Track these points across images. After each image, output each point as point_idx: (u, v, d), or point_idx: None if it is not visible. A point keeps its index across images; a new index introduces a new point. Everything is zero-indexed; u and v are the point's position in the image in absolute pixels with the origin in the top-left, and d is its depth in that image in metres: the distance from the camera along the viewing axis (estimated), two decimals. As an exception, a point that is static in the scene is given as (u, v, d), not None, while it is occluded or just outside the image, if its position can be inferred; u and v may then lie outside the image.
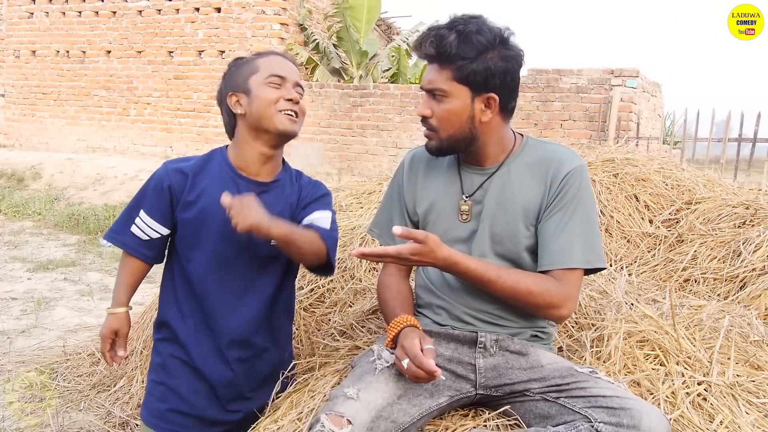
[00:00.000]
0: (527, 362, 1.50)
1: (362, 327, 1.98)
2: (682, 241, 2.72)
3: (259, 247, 1.67)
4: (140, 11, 10.15)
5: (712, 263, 2.52)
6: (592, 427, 1.28)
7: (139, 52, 10.21)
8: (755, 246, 2.46)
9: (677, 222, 2.82)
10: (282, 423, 1.59)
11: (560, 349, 1.77)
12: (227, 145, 1.75)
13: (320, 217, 1.70)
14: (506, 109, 1.53)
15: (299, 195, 1.73)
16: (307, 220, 1.68)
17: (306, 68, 9.87)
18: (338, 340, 1.95)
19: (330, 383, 1.68)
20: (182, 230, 1.69)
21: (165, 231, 1.71)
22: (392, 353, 1.49)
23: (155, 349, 1.77)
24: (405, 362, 1.36)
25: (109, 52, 10.46)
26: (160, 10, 10.01)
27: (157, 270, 1.84)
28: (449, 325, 1.58)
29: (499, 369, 1.51)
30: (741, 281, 2.39)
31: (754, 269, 2.39)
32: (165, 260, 1.78)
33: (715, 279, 2.45)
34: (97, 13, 10.48)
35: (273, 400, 1.69)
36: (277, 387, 1.71)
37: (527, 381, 1.46)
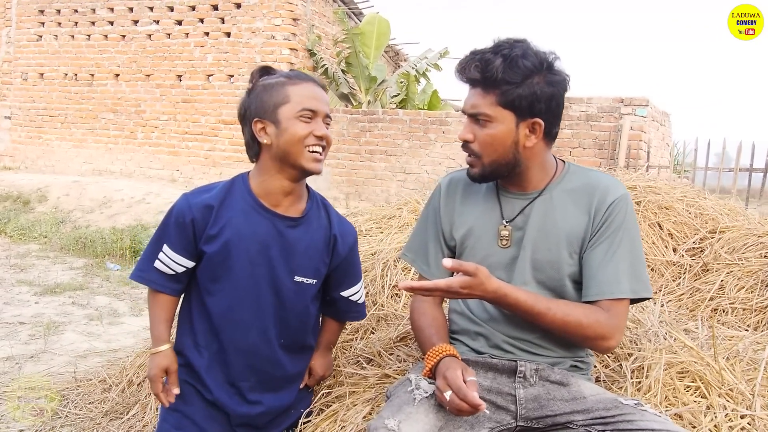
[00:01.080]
0: (569, 393, 1.46)
1: (390, 354, 1.93)
2: (708, 270, 2.68)
3: (284, 282, 1.63)
4: (150, 35, 10.23)
5: (740, 293, 2.48)
6: (644, 463, 1.24)
7: (148, 75, 10.27)
8: (784, 276, 2.43)
9: (701, 251, 2.78)
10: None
11: (597, 379, 1.72)
12: (248, 172, 1.71)
13: (356, 293, 1.80)
14: (550, 135, 1.51)
15: (332, 235, 1.70)
16: (345, 293, 1.77)
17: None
18: (365, 367, 1.90)
19: (362, 413, 1.63)
20: (205, 263, 1.65)
21: (190, 264, 1.67)
22: (431, 383, 1.44)
23: None
24: (447, 394, 1.32)
25: (117, 75, 10.52)
26: (169, 34, 10.09)
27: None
28: (487, 353, 1.54)
29: (540, 400, 1.46)
30: (771, 312, 2.34)
31: (784, 299, 2.34)
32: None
33: (744, 309, 2.41)
34: (106, 36, 10.57)
35: (300, 430, 1.65)
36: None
37: (570, 413, 1.42)
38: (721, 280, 2.53)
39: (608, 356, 1.78)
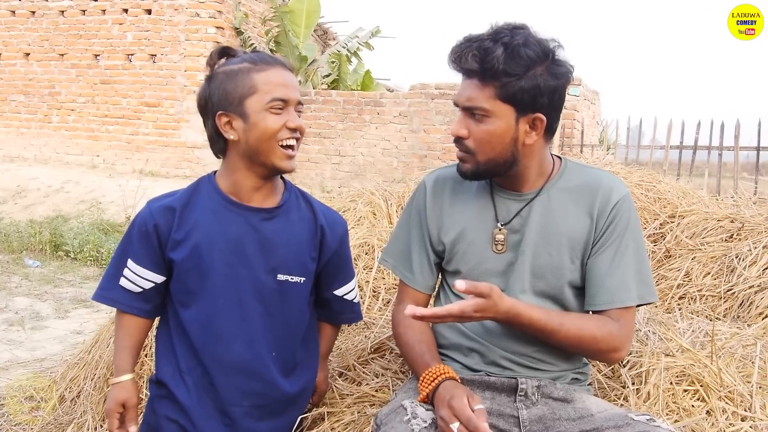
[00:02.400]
0: (575, 411, 1.34)
1: (365, 367, 1.77)
2: (671, 256, 2.65)
3: (265, 283, 1.45)
4: (62, 11, 9.53)
5: (706, 279, 2.45)
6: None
7: (62, 54, 9.59)
8: (749, 261, 2.41)
9: (663, 236, 2.75)
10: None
11: (599, 386, 1.62)
12: (215, 171, 1.52)
13: (350, 290, 1.63)
14: (551, 131, 1.36)
15: (319, 226, 1.51)
16: (339, 292, 1.60)
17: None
18: (338, 381, 1.73)
19: (345, 440, 1.47)
20: (176, 273, 1.46)
21: (159, 278, 1.47)
22: (428, 410, 1.29)
23: (149, 408, 1.51)
24: (455, 426, 1.17)
25: (27, 54, 9.77)
26: (84, 11, 9.42)
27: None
28: (483, 371, 1.40)
29: (545, 421, 1.34)
30: (739, 299, 2.32)
31: (751, 286, 2.32)
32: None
33: (712, 296, 2.38)
34: (13, 12, 9.78)
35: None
36: None
37: (578, 433, 1.30)
38: (687, 267, 2.50)
39: (601, 363, 1.68)
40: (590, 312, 1.41)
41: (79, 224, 6.41)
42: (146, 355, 2.10)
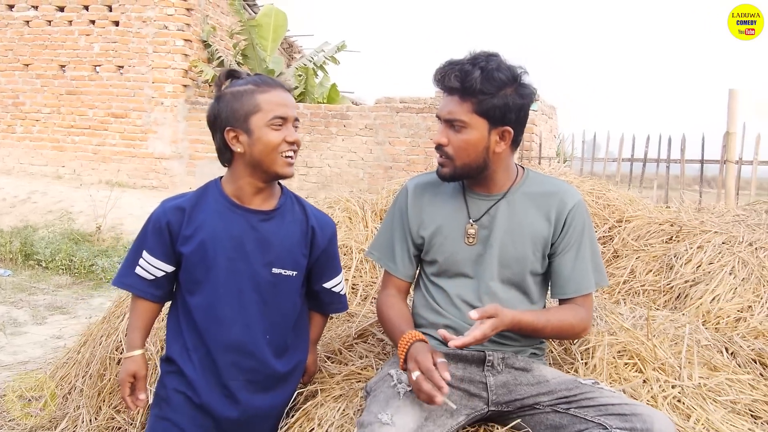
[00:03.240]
0: (534, 378, 1.59)
1: (350, 351, 2.00)
2: (618, 256, 2.95)
3: (262, 275, 1.67)
4: (27, 21, 9.53)
5: (648, 276, 2.76)
6: (609, 433, 1.39)
7: (27, 65, 9.57)
8: (685, 260, 2.72)
9: (611, 239, 3.05)
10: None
11: (554, 361, 1.88)
12: (221, 177, 1.74)
13: (338, 284, 1.85)
14: (516, 142, 1.64)
15: (310, 227, 1.74)
16: (327, 285, 1.82)
17: (210, 86, 9.65)
18: (327, 363, 1.96)
19: (337, 410, 1.69)
20: (185, 264, 1.68)
21: (169, 268, 1.69)
22: None
23: (160, 381, 1.72)
24: (415, 374, 1.42)
25: (-9, 64, 9.73)
26: (50, 22, 9.45)
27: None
28: None
29: (508, 386, 1.59)
30: (676, 292, 2.63)
31: (686, 281, 2.63)
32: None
33: (654, 290, 2.68)
34: (-24, 22, 9.75)
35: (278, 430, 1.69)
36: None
37: (536, 395, 1.56)
38: (632, 265, 2.80)
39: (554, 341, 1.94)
40: (559, 301, 1.70)
41: (50, 234, 6.46)
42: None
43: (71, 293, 5.29)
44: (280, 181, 1.73)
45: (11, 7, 9.58)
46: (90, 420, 2.60)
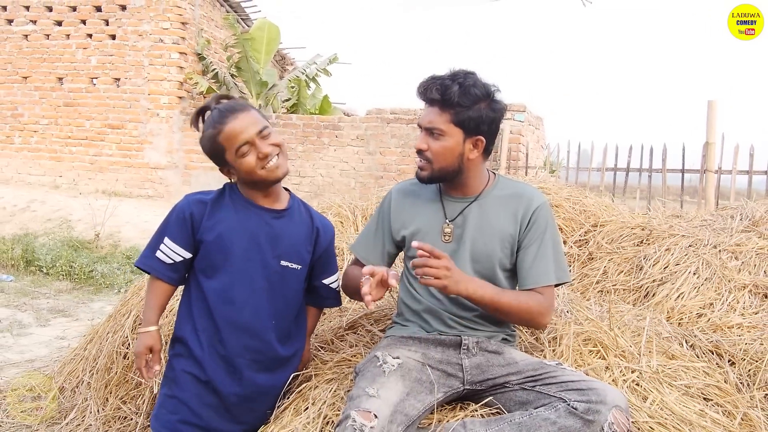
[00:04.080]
0: (504, 360, 1.79)
1: (341, 341, 2.19)
2: (593, 258, 3.16)
3: (271, 266, 1.87)
4: (26, 35, 9.74)
5: (620, 276, 2.96)
6: (568, 405, 1.59)
7: (25, 77, 9.77)
8: (653, 261, 2.93)
9: (586, 242, 3.26)
10: (291, 427, 1.77)
11: (525, 349, 2.07)
12: (234, 182, 1.95)
13: (335, 281, 2.05)
14: (487, 151, 1.85)
15: (315, 228, 1.96)
16: (326, 281, 2.03)
17: (205, 97, 9.85)
18: (320, 351, 2.15)
19: (329, 391, 1.88)
20: (203, 251, 1.88)
21: (187, 255, 1.88)
22: (395, 358, 1.73)
23: (169, 364, 1.91)
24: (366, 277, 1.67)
25: (-11, 76, 9.91)
26: (48, 35, 9.65)
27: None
28: (437, 330, 1.84)
29: (481, 367, 1.79)
30: (645, 290, 2.83)
31: (654, 280, 2.84)
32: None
33: (624, 289, 2.88)
34: (-25, 35, 9.93)
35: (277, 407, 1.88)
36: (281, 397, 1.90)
37: (506, 375, 1.75)
38: (605, 267, 3.01)
39: (525, 330, 2.14)
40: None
41: (50, 241, 6.63)
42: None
43: (72, 297, 5.46)
44: (285, 185, 1.96)
45: (10, 21, 9.79)
46: (98, 410, 2.78)
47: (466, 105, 1.76)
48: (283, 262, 1.89)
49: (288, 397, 1.95)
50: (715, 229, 3.30)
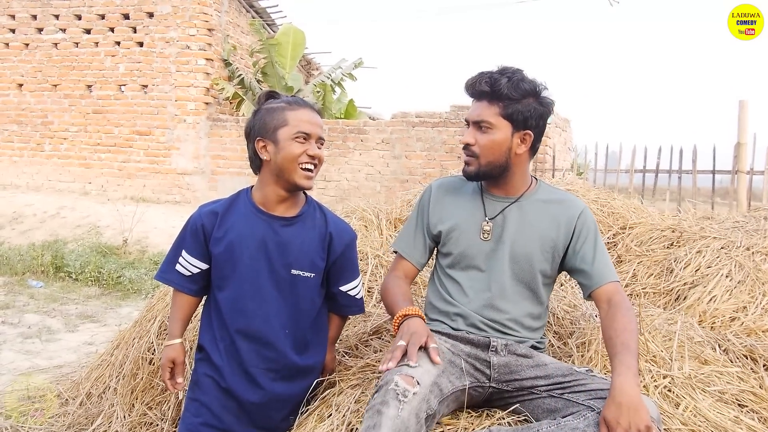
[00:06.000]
0: (533, 362, 1.76)
1: (366, 346, 2.17)
2: (621, 261, 3.09)
3: (281, 275, 1.85)
4: (56, 44, 9.92)
5: (649, 279, 2.90)
6: (598, 414, 1.54)
7: (55, 85, 9.95)
8: (684, 263, 2.86)
9: (615, 245, 3.19)
10: (316, 433, 1.76)
11: (553, 354, 2.03)
12: (252, 186, 1.94)
13: (354, 287, 1.98)
14: (534, 148, 1.83)
15: (328, 233, 1.91)
16: (344, 288, 1.96)
17: (231, 103, 9.95)
18: (345, 358, 2.13)
19: (352, 397, 1.86)
20: (215, 263, 1.87)
21: (204, 266, 1.89)
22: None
23: (194, 368, 1.92)
24: (401, 343, 1.62)
25: (21, 85, 10.12)
26: (77, 43, 9.82)
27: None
28: (465, 330, 1.81)
29: (510, 366, 1.75)
30: (676, 294, 2.77)
31: (685, 283, 2.77)
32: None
33: (654, 293, 2.82)
34: (7, 45, 10.14)
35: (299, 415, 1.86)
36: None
37: (534, 378, 1.71)
38: (634, 270, 2.95)
39: (552, 336, 2.10)
40: (590, 293, 1.82)
41: (79, 247, 6.73)
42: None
43: (100, 303, 5.53)
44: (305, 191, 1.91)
45: (40, 30, 9.98)
46: (124, 416, 2.79)
47: (515, 98, 1.75)
48: (294, 271, 1.86)
49: (312, 403, 1.93)
50: (748, 231, 3.21)
